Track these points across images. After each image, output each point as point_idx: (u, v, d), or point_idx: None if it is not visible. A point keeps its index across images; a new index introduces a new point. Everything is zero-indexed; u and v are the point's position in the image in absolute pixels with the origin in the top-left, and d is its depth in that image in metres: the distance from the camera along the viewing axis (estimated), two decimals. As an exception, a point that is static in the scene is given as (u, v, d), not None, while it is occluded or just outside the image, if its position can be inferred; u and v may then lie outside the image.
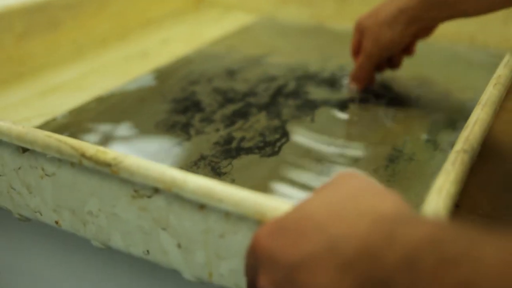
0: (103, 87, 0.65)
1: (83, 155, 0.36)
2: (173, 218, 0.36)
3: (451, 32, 0.78)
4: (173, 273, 0.39)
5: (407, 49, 0.62)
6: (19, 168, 0.41)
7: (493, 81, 0.46)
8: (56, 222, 0.42)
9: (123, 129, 0.56)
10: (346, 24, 0.86)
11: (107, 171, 0.36)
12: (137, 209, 0.37)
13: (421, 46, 0.75)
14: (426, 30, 0.59)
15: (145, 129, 0.56)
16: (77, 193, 0.39)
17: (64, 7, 0.71)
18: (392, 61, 0.63)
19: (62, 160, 0.38)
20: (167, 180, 0.34)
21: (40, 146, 0.37)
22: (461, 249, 0.20)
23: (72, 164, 0.38)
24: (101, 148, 0.36)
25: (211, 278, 0.37)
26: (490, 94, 0.44)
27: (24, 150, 0.39)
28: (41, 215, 0.42)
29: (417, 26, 0.56)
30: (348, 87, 0.64)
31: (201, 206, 0.34)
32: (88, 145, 0.36)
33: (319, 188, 0.30)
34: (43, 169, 0.40)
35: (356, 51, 0.62)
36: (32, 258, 0.53)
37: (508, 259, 0.19)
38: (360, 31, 0.60)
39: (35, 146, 0.38)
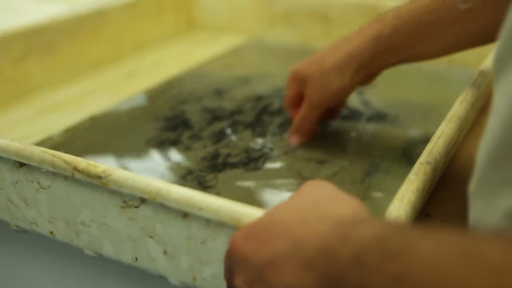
0: (98, 106, 0.68)
1: (75, 168, 0.39)
2: (159, 226, 0.39)
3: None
4: (161, 279, 0.42)
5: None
6: (16, 182, 0.44)
7: (460, 98, 0.49)
8: (51, 233, 0.45)
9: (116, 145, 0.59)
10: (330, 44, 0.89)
11: (98, 183, 0.39)
12: (126, 218, 0.40)
13: (401, 66, 0.79)
14: (372, 75, 0.57)
15: (137, 145, 0.59)
16: (70, 205, 0.42)
17: (60, 31, 0.74)
18: (333, 112, 0.60)
19: (56, 173, 0.41)
20: (152, 190, 0.37)
21: (36, 161, 0.40)
22: (401, 244, 0.23)
23: (66, 178, 0.41)
24: (91, 162, 0.39)
25: (195, 283, 0.40)
26: (455, 110, 0.47)
27: (21, 165, 0.42)
28: (37, 226, 0.45)
29: (366, 72, 0.54)
30: (288, 142, 0.58)
31: (185, 214, 0.37)
32: (79, 160, 0.39)
33: (289, 196, 0.33)
34: (38, 183, 0.43)
35: (294, 102, 0.58)
36: (29, 268, 0.56)
37: (438, 251, 0.22)
38: (301, 80, 0.56)
39: (31, 161, 0.41)
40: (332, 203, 0.30)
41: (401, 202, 0.35)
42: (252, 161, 0.56)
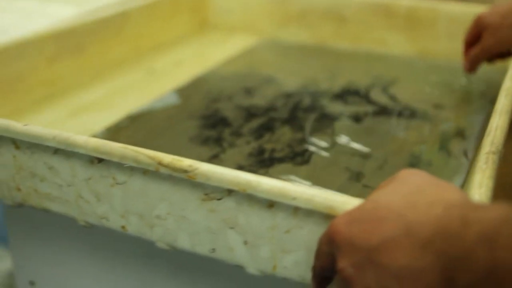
0: (130, 106, 0.69)
1: (160, 163, 0.40)
2: (242, 217, 0.40)
3: (448, 49, 0.85)
4: (230, 269, 0.43)
5: None
6: (90, 178, 0.45)
7: (503, 92, 0.52)
8: (123, 227, 0.46)
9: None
10: (345, 43, 0.92)
11: (183, 177, 0.40)
12: (207, 211, 0.41)
13: (419, 63, 0.82)
14: None
15: (180, 143, 0.61)
16: (146, 199, 0.43)
17: (87, 32, 0.75)
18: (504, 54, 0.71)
19: (134, 169, 0.42)
20: (242, 182, 0.38)
21: (118, 156, 0.42)
22: None
23: (145, 172, 0.42)
24: (176, 157, 0.40)
25: (275, 271, 0.41)
26: (503, 104, 0.50)
27: (99, 160, 0.43)
28: (107, 221, 0.46)
29: None
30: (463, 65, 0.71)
31: (270, 204, 0.39)
32: (163, 155, 0.41)
33: (383, 184, 0.35)
34: (114, 178, 0.44)
35: (470, 42, 0.70)
36: (94, 262, 0.57)
37: None
38: (481, 26, 0.67)
39: (113, 156, 0.42)
40: (436, 189, 0.32)
41: (480, 190, 0.37)
42: (298, 156, 0.58)
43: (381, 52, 0.89)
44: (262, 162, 0.56)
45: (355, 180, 0.53)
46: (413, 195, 0.32)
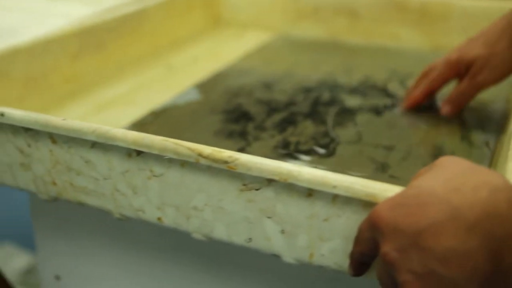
0: (153, 101, 0.70)
1: (200, 154, 0.41)
2: (280, 206, 0.41)
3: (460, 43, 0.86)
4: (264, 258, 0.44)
5: None
6: (127, 171, 0.46)
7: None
8: (159, 219, 0.47)
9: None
10: (358, 38, 0.93)
11: (223, 168, 0.41)
12: (245, 201, 0.42)
13: (433, 57, 0.83)
14: None
15: (206, 137, 0.62)
16: (184, 191, 0.45)
17: (108, 29, 0.76)
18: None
19: (172, 161, 0.44)
20: (283, 172, 0.39)
21: (158, 149, 0.43)
22: None
23: (182, 164, 0.43)
24: (216, 148, 0.41)
25: (312, 259, 0.42)
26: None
27: (138, 153, 0.44)
28: (144, 213, 0.47)
29: None
30: (441, 111, 0.64)
31: (309, 193, 0.40)
32: (203, 146, 0.42)
33: (424, 170, 0.36)
34: (151, 171, 0.45)
35: (439, 85, 0.64)
36: (129, 253, 0.58)
37: None
38: (461, 63, 0.60)
39: (152, 149, 0.43)
40: (478, 173, 0.33)
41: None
42: (323, 147, 0.59)
43: (395, 46, 0.90)
44: (288, 155, 0.57)
45: (381, 171, 0.55)
46: (456, 180, 0.33)
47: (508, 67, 0.58)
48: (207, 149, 0.41)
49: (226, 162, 0.41)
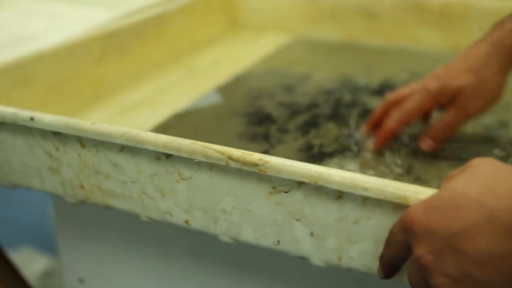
0: (175, 104, 0.71)
1: (230, 157, 0.41)
2: (309, 209, 0.41)
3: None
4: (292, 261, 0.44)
5: None
6: (155, 174, 0.46)
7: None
8: (186, 222, 0.47)
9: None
10: (376, 40, 0.93)
11: (253, 171, 0.41)
12: (273, 203, 0.43)
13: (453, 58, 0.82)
14: None
15: (229, 140, 0.62)
16: (212, 194, 0.45)
17: (129, 33, 0.77)
18: None
19: (201, 164, 0.44)
20: (314, 174, 0.39)
21: (187, 152, 0.43)
22: None
23: (211, 167, 0.44)
24: (245, 151, 0.42)
25: (340, 261, 0.42)
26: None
27: (168, 156, 0.45)
28: (171, 216, 0.48)
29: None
30: (421, 145, 0.57)
31: (338, 196, 0.40)
32: (233, 149, 0.42)
33: (454, 173, 0.36)
34: (179, 174, 0.45)
35: (415, 116, 0.57)
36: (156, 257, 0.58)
37: None
38: (445, 93, 0.55)
39: (182, 152, 0.43)
40: (512, 176, 0.33)
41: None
42: (347, 150, 0.59)
43: (414, 48, 0.90)
44: (312, 157, 0.58)
45: (406, 173, 0.54)
46: (491, 182, 0.33)
47: (497, 94, 0.54)
48: (236, 152, 0.42)
49: (256, 165, 0.41)
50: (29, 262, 1.24)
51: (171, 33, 0.85)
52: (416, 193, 0.37)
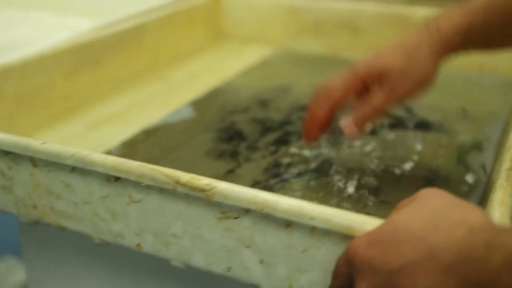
0: (146, 119, 0.69)
1: (177, 182, 0.40)
2: (258, 236, 0.40)
3: (460, 61, 0.84)
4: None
5: None
6: (106, 196, 0.45)
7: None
8: (138, 245, 0.46)
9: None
10: (359, 53, 0.91)
11: (201, 196, 0.40)
12: (222, 229, 0.41)
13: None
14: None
15: (195, 157, 0.61)
16: (162, 218, 0.43)
17: (105, 45, 0.75)
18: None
19: (151, 187, 0.42)
20: (260, 201, 0.38)
21: (136, 175, 0.42)
22: None
23: (161, 191, 0.42)
24: (194, 175, 0.40)
25: (291, 290, 0.41)
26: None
27: (116, 179, 0.43)
28: (123, 238, 0.46)
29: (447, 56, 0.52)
30: (347, 134, 0.52)
31: (287, 224, 0.39)
32: (181, 173, 0.40)
33: (403, 204, 0.35)
34: (130, 197, 0.44)
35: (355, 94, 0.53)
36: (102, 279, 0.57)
37: None
38: (375, 75, 0.52)
39: (130, 175, 0.42)
40: (458, 210, 0.32)
41: (501, 208, 0.37)
42: (315, 170, 0.57)
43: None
44: (278, 176, 0.56)
45: (372, 194, 0.53)
46: (434, 217, 0.31)
47: (428, 77, 0.51)
48: (184, 176, 0.40)
49: (203, 190, 0.40)
50: (12, 272, 1.23)
51: (150, 45, 0.84)
52: (362, 223, 0.35)
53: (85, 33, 0.75)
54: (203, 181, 0.40)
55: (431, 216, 0.32)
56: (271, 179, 0.56)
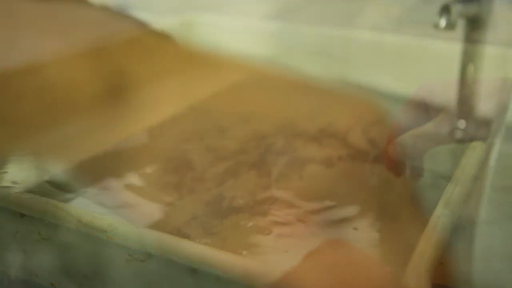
0: (97, 146, 0.67)
1: (79, 221, 0.37)
2: (166, 282, 0.37)
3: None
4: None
5: None
6: (17, 232, 0.42)
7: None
8: (52, 284, 0.43)
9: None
10: (335, 80, 0.89)
11: (103, 237, 0.37)
12: (131, 272, 0.38)
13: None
14: None
15: (138, 188, 0.58)
16: (72, 256, 0.41)
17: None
18: None
19: (58, 225, 0.40)
20: (161, 246, 0.35)
21: (38, 212, 0.39)
22: None
23: (68, 229, 0.40)
24: (97, 215, 0.37)
25: None
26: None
27: (22, 215, 0.41)
28: (36, 277, 0.43)
29: None
30: None
31: (193, 270, 0.36)
32: (84, 212, 0.38)
33: (307, 254, 0.32)
34: (39, 234, 0.41)
35: None
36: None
37: None
38: None
39: (33, 212, 0.39)
40: (353, 269, 0.29)
41: (421, 259, 0.33)
42: (257, 204, 0.54)
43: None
44: (218, 212, 0.53)
45: (316, 236, 0.50)
46: (333, 274, 0.29)
47: None
48: (87, 215, 0.38)
49: (105, 231, 0.37)
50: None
51: (113, 68, 0.82)
52: (265, 275, 0.32)
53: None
54: (106, 221, 0.37)
55: (328, 273, 0.29)
56: (210, 214, 0.53)
